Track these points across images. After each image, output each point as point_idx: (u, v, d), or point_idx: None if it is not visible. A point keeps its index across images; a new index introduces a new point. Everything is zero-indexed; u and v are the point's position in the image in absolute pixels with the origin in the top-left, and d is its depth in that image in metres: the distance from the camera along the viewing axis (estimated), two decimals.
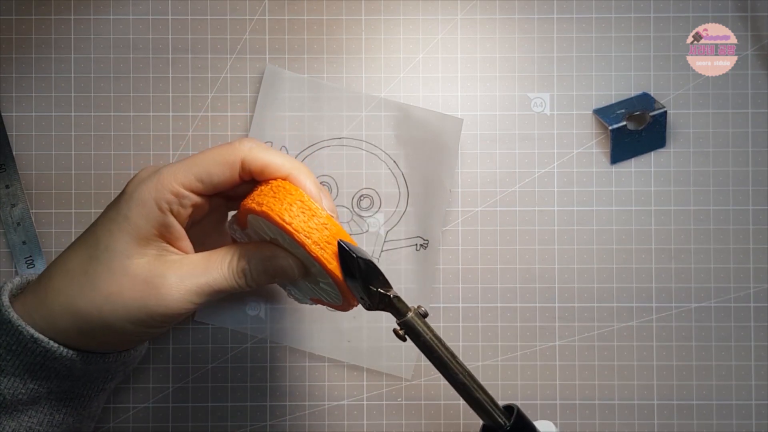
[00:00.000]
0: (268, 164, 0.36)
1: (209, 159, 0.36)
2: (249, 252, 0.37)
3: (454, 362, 0.35)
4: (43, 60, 0.48)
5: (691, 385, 0.48)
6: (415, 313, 0.35)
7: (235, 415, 0.47)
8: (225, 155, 0.36)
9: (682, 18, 0.48)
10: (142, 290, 0.35)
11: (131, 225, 0.35)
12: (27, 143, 0.48)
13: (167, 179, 0.36)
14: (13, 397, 0.36)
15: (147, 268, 0.35)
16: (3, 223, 0.47)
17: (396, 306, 0.35)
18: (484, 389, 0.36)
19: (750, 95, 0.48)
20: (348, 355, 0.47)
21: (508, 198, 0.48)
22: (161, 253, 0.36)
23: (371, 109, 0.48)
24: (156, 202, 0.35)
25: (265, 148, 0.37)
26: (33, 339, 0.35)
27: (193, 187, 0.36)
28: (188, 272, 0.36)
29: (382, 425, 0.48)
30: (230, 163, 0.36)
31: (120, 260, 0.35)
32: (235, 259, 0.37)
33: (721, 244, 0.48)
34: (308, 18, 0.48)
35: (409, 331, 0.35)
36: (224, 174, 0.36)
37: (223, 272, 0.36)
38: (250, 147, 0.36)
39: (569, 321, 0.48)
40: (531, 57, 0.48)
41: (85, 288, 0.35)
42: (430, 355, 0.35)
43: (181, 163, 0.36)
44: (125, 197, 0.36)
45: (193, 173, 0.36)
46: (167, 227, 0.36)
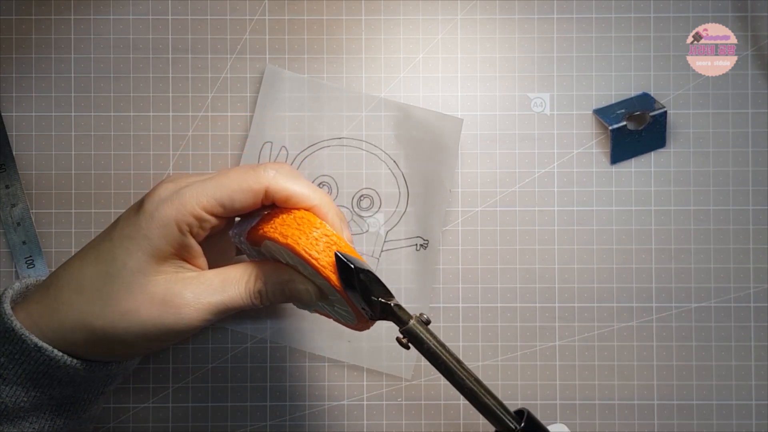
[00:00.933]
0: (292, 195, 0.36)
1: (233, 185, 0.36)
2: (266, 273, 0.37)
3: (460, 368, 0.35)
4: (43, 60, 0.48)
5: (691, 385, 0.48)
6: (417, 320, 0.35)
7: (235, 415, 0.47)
8: (250, 182, 0.36)
9: (682, 18, 0.48)
10: (160, 308, 0.35)
11: (151, 245, 0.35)
12: (27, 143, 0.48)
13: (190, 202, 0.35)
14: (15, 404, 0.36)
15: (164, 287, 0.35)
16: (3, 223, 0.47)
17: (397, 314, 0.35)
18: (493, 393, 0.35)
19: (750, 95, 0.48)
20: (348, 356, 0.47)
21: (508, 198, 0.48)
22: (178, 270, 0.36)
23: (371, 109, 0.48)
24: (177, 224, 0.35)
25: (289, 176, 0.37)
26: (37, 348, 0.35)
27: (214, 212, 0.36)
28: (205, 290, 0.36)
29: (383, 425, 0.48)
30: (254, 192, 0.36)
31: (137, 279, 0.35)
32: (252, 280, 0.37)
33: (721, 244, 0.48)
34: (308, 18, 0.48)
35: (412, 339, 0.35)
36: (247, 201, 0.36)
37: (239, 291, 0.36)
38: (274, 174, 0.36)
39: (569, 321, 0.48)
40: (531, 57, 0.48)
41: (101, 304, 0.35)
42: (434, 362, 0.35)
43: (203, 186, 0.36)
44: (144, 216, 0.35)
45: (216, 198, 0.36)
46: (186, 247, 0.36)
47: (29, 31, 0.48)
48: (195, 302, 0.35)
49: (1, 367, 0.35)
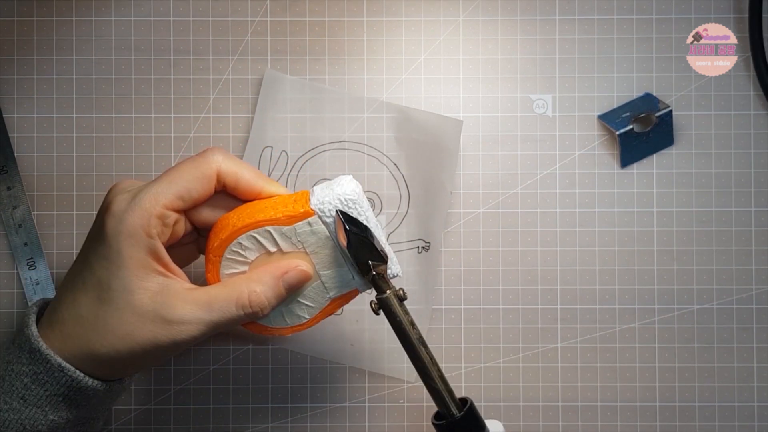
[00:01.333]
0: (239, 178, 0.38)
1: (187, 175, 0.37)
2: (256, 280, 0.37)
3: (422, 348, 0.37)
4: (44, 61, 0.48)
5: (693, 387, 0.48)
6: (394, 293, 0.37)
7: (236, 416, 0.47)
8: (202, 169, 0.37)
9: (684, 19, 0.48)
10: (151, 329, 0.35)
11: (126, 259, 0.35)
12: (28, 145, 0.48)
13: (149, 204, 0.35)
14: (33, 428, 0.36)
15: (151, 306, 0.35)
16: (4, 225, 0.47)
17: (377, 283, 0.37)
18: (445, 379, 0.37)
19: (752, 97, 0.48)
20: (350, 358, 0.47)
21: (510, 200, 0.48)
22: (161, 285, 0.36)
23: (372, 111, 0.48)
24: (144, 230, 0.35)
25: (235, 160, 0.38)
26: (60, 368, 0.35)
27: (174, 206, 0.36)
28: (192, 309, 0.36)
29: (384, 427, 0.48)
30: (208, 177, 0.37)
31: (125, 298, 0.35)
32: (244, 296, 0.37)
33: (723, 245, 0.48)
34: (310, 19, 0.48)
35: (384, 309, 0.37)
36: (203, 188, 0.37)
37: (230, 310, 0.36)
38: (223, 158, 0.37)
39: (571, 323, 0.48)
40: (533, 58, 0.48)
41: (100, 332, 0.35)
42: (400, 337, 0.37)
43: (158, 185, 0.36)
44: (111, 233, 0.35)
45: (173, 192, 0.36)
46: (156, 252, 0.36)
47: (31, 33, 0.48)
48: (183, 322, 0.35)
49: (24, 388, 0.36)
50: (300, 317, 0.39)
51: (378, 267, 0.37)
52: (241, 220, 0.37)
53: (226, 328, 0.37)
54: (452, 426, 0.37)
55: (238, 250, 0.38)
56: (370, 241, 0.36)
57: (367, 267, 0.37)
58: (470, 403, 0.38)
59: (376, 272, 0.37)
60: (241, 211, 0.38)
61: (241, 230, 0.37)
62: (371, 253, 0.37)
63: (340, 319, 0.47)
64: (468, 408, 0.37)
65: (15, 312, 0.47)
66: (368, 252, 0.37)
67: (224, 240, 0.37)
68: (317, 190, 0.37)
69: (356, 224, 0.36)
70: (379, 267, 0.37)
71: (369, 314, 0.47)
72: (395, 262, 0.39)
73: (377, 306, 0.37)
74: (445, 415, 0.37)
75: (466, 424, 0.37)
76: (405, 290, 0.38)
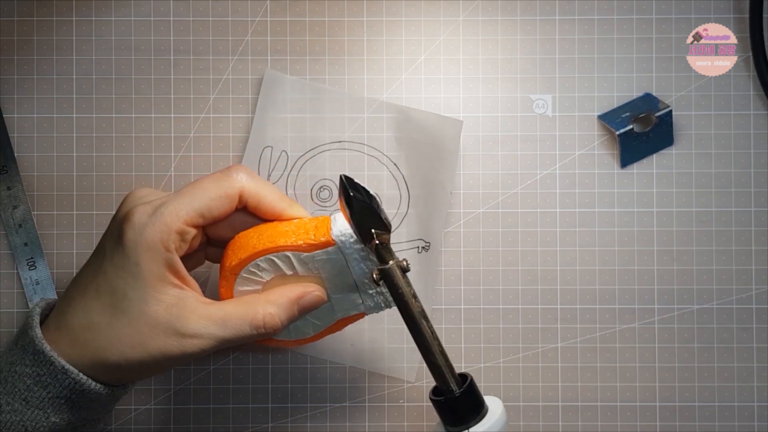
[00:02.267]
0: (262, 200, 0.38)
1: (210, 193, 0.37)
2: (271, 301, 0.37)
3: (424, 322, 0.36)
4: (44, 61, 0.48)
5: (693, 387, 0.48)
6: (397, 264, 0.36)
7: (237, 416, 0.47)
8: (225, 189, 0.37)
9: (684, 19, 0.48)
10: (164, 340, 0.35)
11: (144, 271, 0.35)
12: (29, 145, 0.48)
13: (171, 219, 0.36)
14: (35, 429, 0.36)
15: (165, 318, 0.35)
16: (5, 225, 0.47)
17: (380, 252, 0.36)
18: (446, 354, 0.36)
19: (752, 97, 0.48)
20: (350, 358, 0.47)
21: (510, 200, 0.48)
22: (177, 298, 0.36)
23: (372, 111, 0.48)
24: (163, 244, 0.35)
25: (258, 180, 0.38)
26: (64, 370, 0.35)
27: (194, 223, 0.36)
28: (206, 324, 0.36)
29: (384, 427, 0.48)
30: (230, 197, 0.37)
31: (140, 308, 0.35)
32: (259, 316, 0.37)
33: (723, 245, 0.48)
34: (310, 19, 0.48)
35: (386, 279, 0.36)
36: (224, 207, 0.37)
37: (243, 329, 0.37)
38: (246, 178, 0.38)
39: (571, 323, 0.48)
40: (533, 58, 0.48)
41: (112, 341, 0.36)
42: (402, 309, 0.36)
43: (180, 200, 0.36)
44: (130, 244, 0.36)
45: (195, 209, 0.36)
46: (173, 265, 0.36)
47: (31, 33, 0.48)
48: (196, 336, 0.36)
49: (26, 390, 0.36)
50: (305, 333, 0.40)
51: (381, 236, 0.36)
52: (262, 243, 0.37)
53: (235, 344, 0.37)
54: (451, 402, 0.36)
55: (255, 270, 0.38)
56: (374, 208, 0.35)
57: (369, 235, 0.36)
58: (470, 379, 0.37)
59: (379, 241, 0.36)
60: (261, 231, 0.38)
61: (261, 253, 0.37)
62: (374, 222, 0.35)
63: None
64: (468, 384, 0.36)
65: (15, 312, 0.47)
66: (371, 220, 0.36)
67: (243, 260, 0.38)
68: (339, 220, 0.38)
69: (361, 191, 0.35)
70: (382, 236, 0.36)
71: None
72: None
73: (378, 276, 0.36)
74: (444, 391, 0.36)
75: (465, 400, 0.36)
76: (408, 261, 0.37)
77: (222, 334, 0.36)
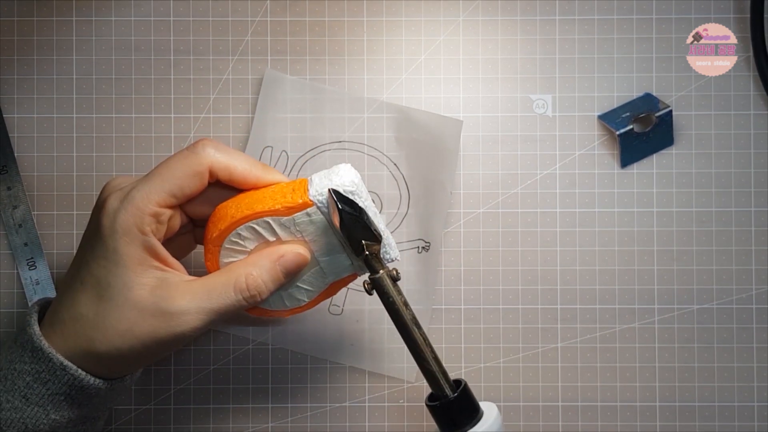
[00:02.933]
0: (233, 171, 0.37)
1: (178, 172, 0.36)
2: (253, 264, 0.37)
3: (415, 329, 0.37)
4: (44, 61, 0.48)
5: (693, 386, 0.48)
6: (387, 273, 0.37)
7: (236, 416, 0.48)
8: (193, 166, 0.36)
9: (684, 19, 0.48)
10: (152, 323, 0.35)
11: (123, 256, 0.35)
12: (29, 145, 0.48)
13: (143, 203, 0.35)
14: (35, 427, 0.36)
15: (150, 300, 0.35)
16: (5, 225, 0.47)
17: (371, 263, 0.37)
18: (439, 360, 0.37)
19: (752, 97, 0.48)
20: (350, 358, 0.47)
21: (510, 200, 0.48)
22: (160, 280, 0.36)
23: (372, 111, 0.48)
24: (138, 228, 0.35)
25: (227, 151, 0.37)
26: (62, 366, 0.35)
27: (167, 203, 0.36)
28: (191, 300, 0.36)
29: (384, 427, 0.48)
30: (199, 174, 0.37)
31: (124, 294, 0.35)
32: (241, 280, 0.37)
33: (723, 245, 0.48)
34: (310, 19, 0.48)
35: (377, 288, 0.37)
36: (195, 185, 0.37)
37: (228, 296, 0.36)
38: (214, 152, 0.37)
39: (571, 323, 0.48)
40: (533, 58, 0.48)
41: (100, 330, 0.35)
42: (394, 318, 0.37)
43: (150, 182, 0.36)
44: (106, 232, 0.36)
45: (165, 190, 0.36)
46: (152, 249, 0.36)
47: (31, 33, 0.48)
48: (185, 313, 0.35)
49: (26, 387, 0.36)
50: (299, 300, 0.40)
51: (371, 247, 0.36)
52: (240, 211, 0.37)
53: (227, 317, 0.37)
54: (446, 407, 0.37)
55: (236, 240, 0.38)
56: (363, 221, 0.36)
57: (360, 247, 0.36)
58: (464, 384, 0.37)
59: (369, 252, 0.36)
60: (239, 201, 0.38)
61: (239, 221, 0.37)
62: (364, 233, 0.36)
63: (340, 319, 0.47)
64: (462, 389, 0.37)
65: (15, 312, 0.47)
66: (361, 232, 0.36)
67: (223, 231, 0.37)
68: (315, 180, 0.37)
69: (350, 204, 0.36)
70: (372, 247, 0.36)
71: (369, 314, 0.47)
72: (393, 246, 0.39)
73: (370, 286, 0.37)
74: (438, 397, 0.37)
75: (459, 405, 0.37)
76: (398, 270, 0.38)
77: (208, 305, 0.36)
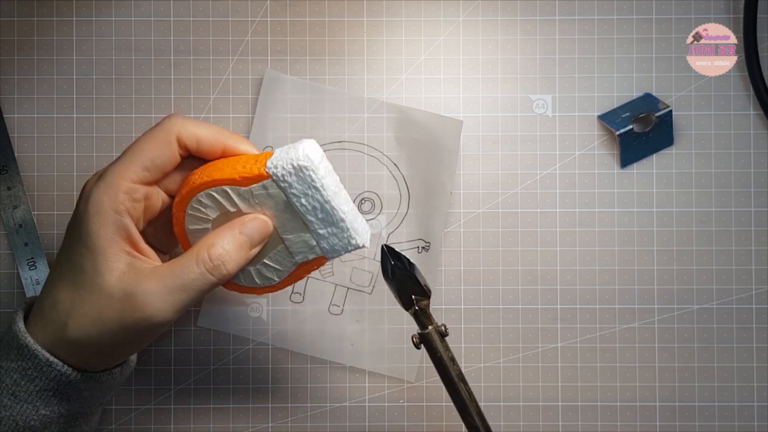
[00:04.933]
0: (200, 139, 0.37)
1: (147, 145, 0.36)
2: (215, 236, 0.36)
3: (461, 384, 0.38)
4: (44, 62, 0.48)
5: (693, 386, 0.48)
6: (436, 329, 0.38)
7: (237, 416, 0.48)
8: (161, 137, 0.36)
9: (684, 19, 0.48)
10: (117, 308, 0.35)
11: (95, 238, 0.35)
12: (29, 145, 0.48)
13: (115, 179, 0.35)
14: (26, 423, 0.36)
15: (119, 286, 0.35)
16: (5, 225, 0.47)
17: (420, 318, 0.38)
18: (483, 416, 0.38)
19: (752, 97, 0.48)
20: (350, 358, 0.47)
21: (510, 200, 0.48)
22: (129, 266, 0.35)
23: (372, 111, 0.48)
24: (112, 207, 0.35)
25: (194, 123, 0.37)
26: (48, 363, 0.35)
27: (140, 178, 0.36)
28: (158, 283, 0.35)
29: (384, 427, 0.48)
30: (168, 143, 0.36)
31: (95, 280, 0.35)
32: (202, 252, 0.36)
33: (723, 245, 0.48)
34: (310, 20, 0.48)
35: (426, 344, 0.38)
36: (165, 156, 0.36)
37: (192, 270, 0.35)
38: (181, 122, 0.37)
39: (571, 323, 0.48)
40: (533, 58, 0.48)
41: (73, 316, 0.35)
42: (440, 373, 0.38)
43: (121, 160, 0.36)
44: (80, 213, 0.36)
45: (137, 165, 0.36)
46: (126, 231, 0.36)
47: (31, 33, 0.48)
48: (151, 298, 0.35)
49: (14, 384, 0.36)
50: (270, 279, 0.39)
51: (421, 302, 0.38)
52: (201, 177, 0.37)
53: (196, 294, 0.35)
54: None
55: (198, 207, 0.38)
56: (414, 276, 0.37)
57: (410, 301, 0.38)
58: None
59: (418, 307, 0.38)
60: (204, 168, 0.38)
61: (199, 187, 0.37)
62: (414, 288, 0.38)
63: (340, 319, 0.48)
64: None
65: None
66: (412, 286, 0.38)
67: (184, 196, 0.37)
68: (276, 152, 0.37)
69: (401, 259, 0.37)
70: (422, 302, 0.38)
71: (369, 314, 0.47)
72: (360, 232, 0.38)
73: (418, 341, 0.38)
74: None
75: None
76: (446, 326, 0.38)
77: (171, 283, 0.35)
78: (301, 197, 0.36)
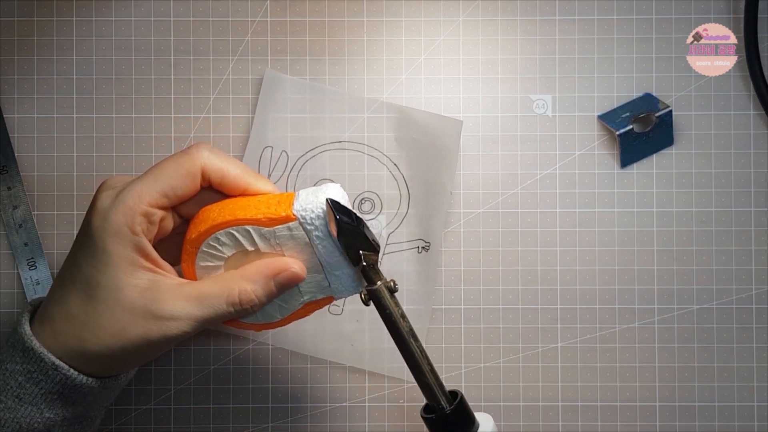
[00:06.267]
0: (225, 175, 0.37)
1: (171, 172, 0.36)
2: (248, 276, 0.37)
3: (412, 341, 0.37)
4: (44, 62, 0.48)
5: (693, 386, 0.48)
6: (385, 284, 0.37)
7: (237, 416, 0.48)
8: (186, 167, 0.37)
9: (684, 19, 0.48)
10: (143, 325, 0.35)
11: (112, 256, 0.35)
12: (29, 145, 0.48)
13: (134, 202, 0.35)
14: (30, 425, 0.36)
15: (141, 302, 0.35)
16: (5, 225, 0.47)
17: (368, 274, 0.37)
18: (436, 372, 0.37)
19: (752, 97, 0.48)
20: (350, 358, 0.47)
21: (510, 200, 0.48)
22: (150, 281, 0.36)
23: (372, 111, 0.48)
24: (129, 227, 0.35)
25: (221, 155, 0.38)
26: (54, 366, 0.35)
27: (159, 204, 0.36)
28: (183, 305, 0.35)
29: (384, 427, 0.48)
30: (192, 174, 0.37)
31: (114, 295, 0.35)
32: (234, 293, 0.36)
33: (722, 245, 0.48)
34: (310, 20, 0.48)
35: (374, 300, 0.37)
36: (187, 186, 0.37)
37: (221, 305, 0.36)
38: (208, 155, 0.37)
39: (571, 323, 0.48)
40: (533, 58, 0.48)
41: (91, 330, 0.35)
42: (391, 329, 0.37)
43: (142, 182, 0.36)
44: (96, 231, 0.36)
45: (157, 190, 0.36)
46: (142, 249, 0.36)
47: (31, 33, 0.48)
48: (175, 317, 0.35)
49: (18, 387, 0.36)
50: (272, 316, 0.39)
51: (369, 257, 0.36)
52: (222, 215, 0.37)
53: (214, 324, 0.37)
54: (442, 419, 0.37)
55: (215, 244, 0.37)
56: (361, 230, 0.36)
57: (357, 256, 0.36)
58: (460, 396, 0.37)
59: (366, 262, 0.36)
60: (223, 205, 0.38)
61: (220, 226, 0.37)
62: (362, 243, 0.36)
63: (340, 319, 0.48)
64: (458, 402, 0.37)
65: (15, 312, 0.47)
66: (359, 241, 0.36)
67: (202, 233, 0.37)
68: (302, 195, 0.37)
69: (348, 214, 0.36)
70: (370, 256, 0.36)
71: (369, 314, 0.47)
72: None
73: (367, 297, 0.37)
74: (434, 409, 0.37)
75: (455, 417, 0.37)
76: (396, 282, 0.37)
77: (199, 314, 0.36)
78: (324, 240, 0.37)
